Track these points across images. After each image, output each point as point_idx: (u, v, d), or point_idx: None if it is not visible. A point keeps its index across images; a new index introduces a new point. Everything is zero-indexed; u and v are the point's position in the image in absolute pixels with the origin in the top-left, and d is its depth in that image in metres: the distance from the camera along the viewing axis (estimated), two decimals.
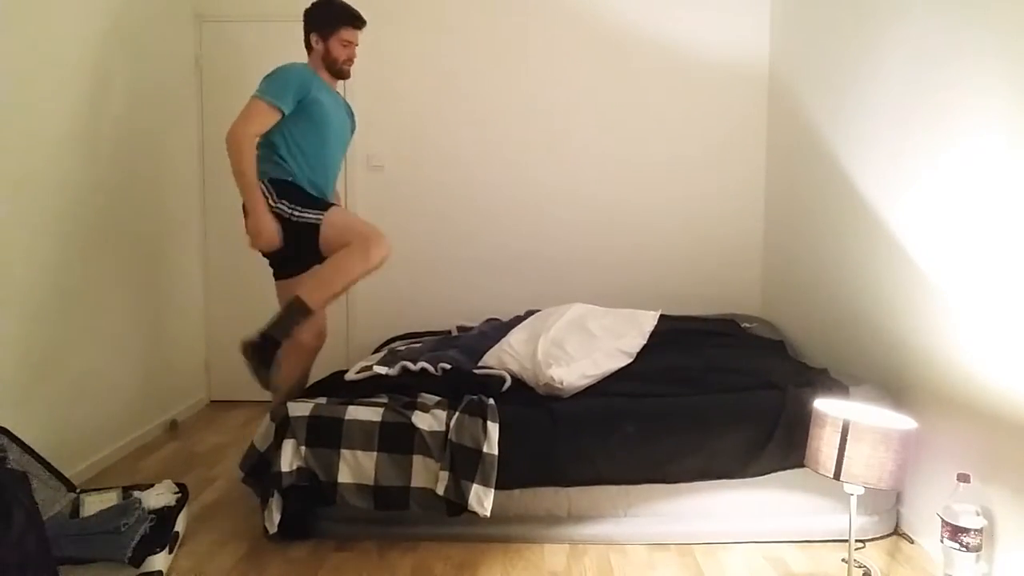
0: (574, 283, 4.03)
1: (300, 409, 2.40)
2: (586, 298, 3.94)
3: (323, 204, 2.66)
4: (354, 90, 3.88)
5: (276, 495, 2.32)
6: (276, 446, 2.36)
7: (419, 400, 2.49)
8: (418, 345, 3.25)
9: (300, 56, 2.78)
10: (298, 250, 2.63)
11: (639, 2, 3.90)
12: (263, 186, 2.59)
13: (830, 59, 3.11)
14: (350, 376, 2.67)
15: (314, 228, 2.57)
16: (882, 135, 2.63)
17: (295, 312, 2.49)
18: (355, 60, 2.82)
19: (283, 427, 2.36)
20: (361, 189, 4.02)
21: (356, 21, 2.77)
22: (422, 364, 2.66)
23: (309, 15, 2.77)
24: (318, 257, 2.63)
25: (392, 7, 3.93)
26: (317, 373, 2.92)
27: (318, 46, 2.75)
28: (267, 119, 2.55)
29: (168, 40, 3.66)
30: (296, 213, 2.58)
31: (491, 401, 2.42)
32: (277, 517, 2.30)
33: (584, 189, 4.00)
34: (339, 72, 2.79)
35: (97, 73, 3.02)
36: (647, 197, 4.00)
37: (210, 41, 3.94)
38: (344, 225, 2.60)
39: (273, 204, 2.58)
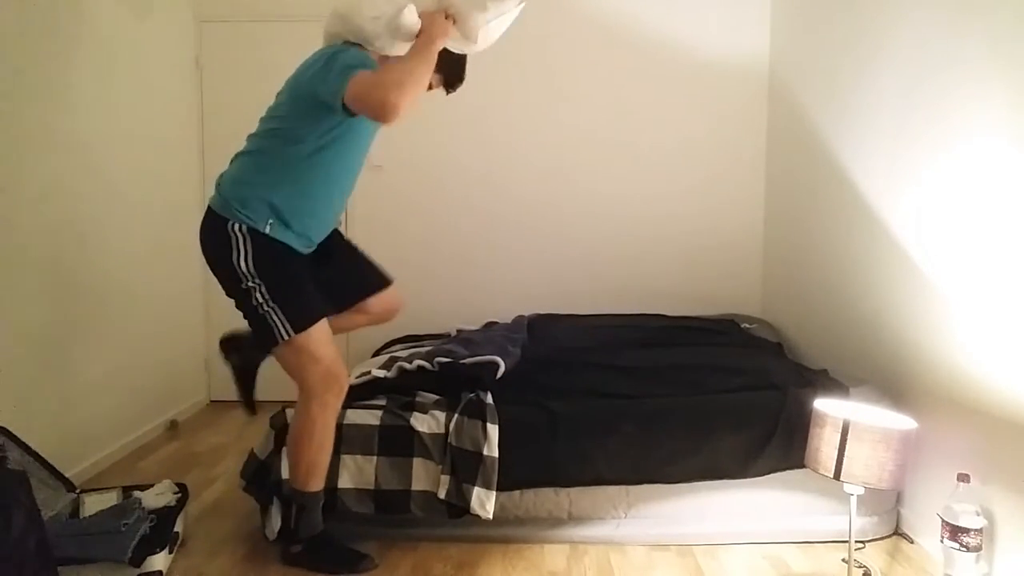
0: (574, 284, 4.03)
1: None
2: (586, 299, 3.96)
3: (305, 304, 2.12)
4: None
5: (276, 502, 2.31)
6: (276, 453, 2.35)
7: (417, 400, 2.49)
8: (415, 350, 3.25)
9: (298, 56, 2.61)
10: (255, 332, 2.13)
11: (639, 1, 3.90)
12: (236, 234, 2.03)
13: (830, 59, 3.11)
14: (351, 381, 2.66)
15: (273, 332, 2.07)
16: (882, 135, 2.63)
17: (300, 502, 2.20)
18: None
19: (283, 434, 2.34)
20: (360, 189, 4.00)
21: (452, 88, 2.31)
22: (418, 363, 2.65)
23: (449, 55, 2.17)
24: (268, 348, 2.16)
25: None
26: None
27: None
28: None
29: (168, 40, 3.66)
30: (266, 305, 2.06)
31: (489, 400, 2.42)
32: (277, 524, 2.29)
33: (583, 189, 4.00)
34: None
35: (96, 73, 3.03)
36: (647, 197, 4.00)
37: (210, 41, 3.94)
38: (310, 359, 2.12)
39: (245, 275, 2.04)
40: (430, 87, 2.21)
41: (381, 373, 2.64)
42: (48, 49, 2.72)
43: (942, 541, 2.04)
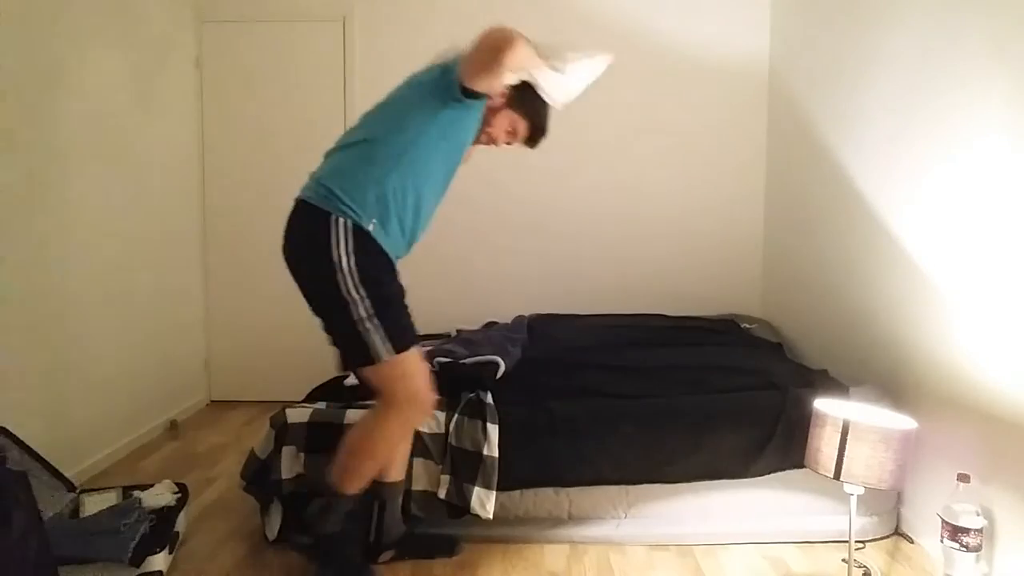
0: (574, 284, 4.02)
1: (298, 415, 2.39)
2: (586, 299, 3.95)
3: (408, 322, 2.02)
4: (355, 89, 3.88)
5: (276, 502, 2.31)
6: (276, 453, 2.35)
7: None
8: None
9: (298, 56, 2.61)
10: (345, 348, 1.99)
11: (639, 1, 3.90)
12: (340, 229, 1.87)
13: (830, 59, 3.11)
14: (350, 381, 2.66)
15: (370, 351, 1.91)
16: (882, 136, 2.63)
17: (331, 496, 2.06)
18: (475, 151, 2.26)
19: (282, 434, 2.35)
20: None
21: (535, 141, 2.26)
22: None
23: (523, 88, 2.12)
24: (356, 367, 2.02)
25: (390, 2, 3.93)
26: (316, 378, 2.90)
27: (496, 101, 2.11)
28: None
29: (168, 40, 3.66)
30: (369, 321, 1.89)
31: (489, 400, 2.42)
32: (277, 524, 2.29)
33: (584, 190, 4.00)
34: (475, 136, 2.18)
35: (97, 73, 3.02)
36: (647, 197, 4.00)
37: (210, 41, 3.94)
38: (404, 376, 1.97)
39: (348, 280, 1.87)
40: (514, 138, 2.21)
41: None
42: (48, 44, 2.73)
43: (942, 541, 2.04)
